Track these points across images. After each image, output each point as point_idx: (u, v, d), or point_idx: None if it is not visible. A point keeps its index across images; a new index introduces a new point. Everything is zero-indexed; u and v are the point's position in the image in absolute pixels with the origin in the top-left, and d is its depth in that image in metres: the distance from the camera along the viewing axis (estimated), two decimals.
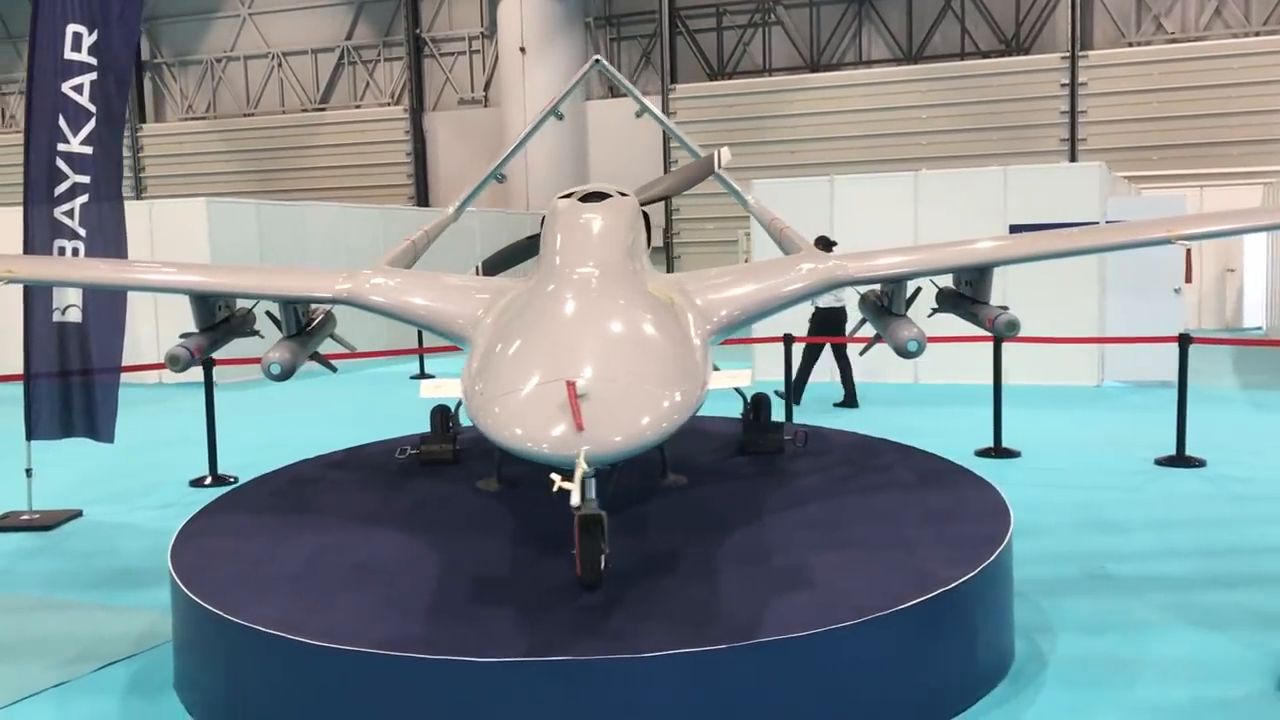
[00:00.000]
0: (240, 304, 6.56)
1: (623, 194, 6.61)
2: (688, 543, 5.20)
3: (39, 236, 8.13)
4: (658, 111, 9.17)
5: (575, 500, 3.58)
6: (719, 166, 8.11)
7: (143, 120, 31.11)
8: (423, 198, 28.18)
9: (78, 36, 8.23)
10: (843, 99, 24.70)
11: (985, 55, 24.57)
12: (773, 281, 6.02)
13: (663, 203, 25.39)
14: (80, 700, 5.05)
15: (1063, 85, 23.38)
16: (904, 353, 5.82)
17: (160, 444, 11.37)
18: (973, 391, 12.31)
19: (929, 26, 24.99)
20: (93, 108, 8.27)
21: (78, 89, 8.22)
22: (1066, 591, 6.24)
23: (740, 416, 7.22)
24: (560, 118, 9.46)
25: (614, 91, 27.25)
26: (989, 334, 6.20)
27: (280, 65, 29.84)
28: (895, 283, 6.15)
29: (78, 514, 8.45)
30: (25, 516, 8.31)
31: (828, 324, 12.86)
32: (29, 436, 8.29)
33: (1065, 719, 4.64)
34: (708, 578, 4.74)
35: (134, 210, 17.43)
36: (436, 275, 6.40)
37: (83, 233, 8.21)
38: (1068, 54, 23.39)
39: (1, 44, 32.25)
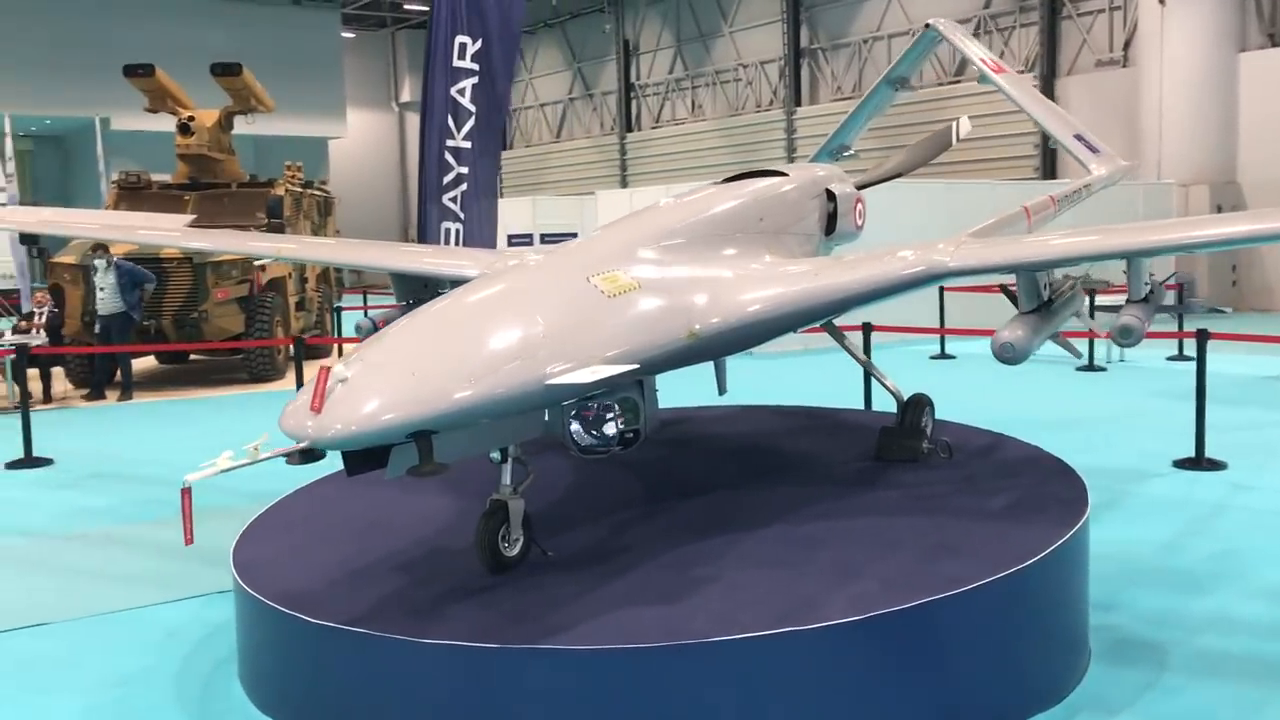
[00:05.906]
0: None
1: (779, 173, 6.30)
2: (680, 540, 4.97)
3: (432, 221, 9.57)
4: (1004, 82, 8.18)
5: (191, 477, 3.72)
6: (957, 139, 7.29)
7: (797, 104, 33.21)
8: (1049, 169, 26.76)
9: (463, 46, 9.51)
10: None
11: None
12: (863, 274, 5.32)
13: None
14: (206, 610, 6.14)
15: None
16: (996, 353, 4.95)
17: None
18: None
19: None
20: (473, 108, 9.51)
21: (461, 92, 9.50)
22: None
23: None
24: (900, 88, 8.89)
25: (1273, 40, 23.55)
26: None
27: None
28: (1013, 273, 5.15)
29: None
30: None
31: None
32: None
33: None
34: (620, 574, 4.54)
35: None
36: None
37: (463, 216, 9.52)
38: None
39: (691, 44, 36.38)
